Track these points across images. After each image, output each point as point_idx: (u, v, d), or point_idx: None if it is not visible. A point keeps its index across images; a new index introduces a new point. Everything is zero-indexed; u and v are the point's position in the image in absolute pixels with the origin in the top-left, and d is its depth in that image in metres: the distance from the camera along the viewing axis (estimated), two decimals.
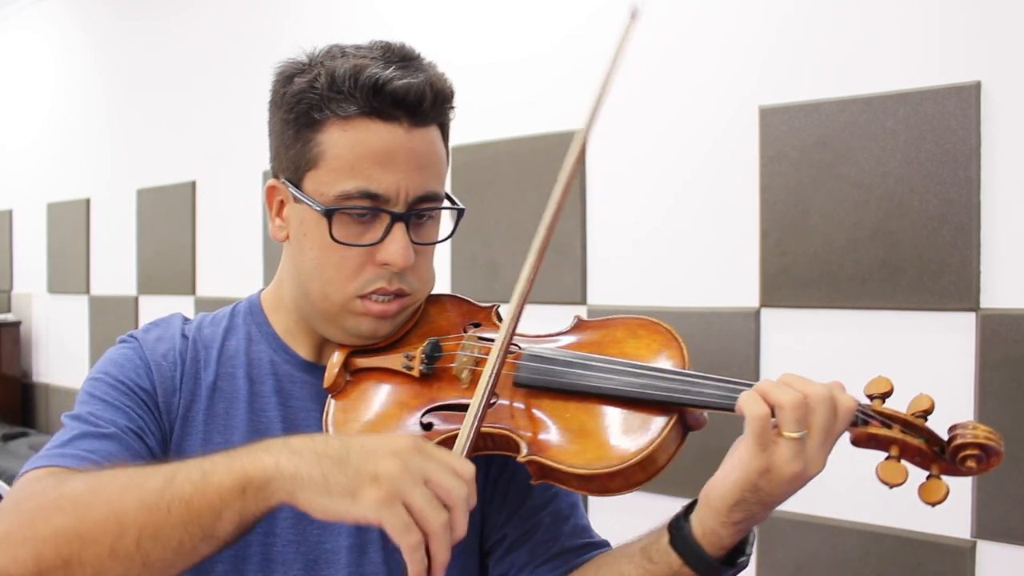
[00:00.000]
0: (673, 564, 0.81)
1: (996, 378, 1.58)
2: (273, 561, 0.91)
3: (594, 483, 0.80)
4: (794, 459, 0.75)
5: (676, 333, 0.89)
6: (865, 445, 0.78)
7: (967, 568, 1.60)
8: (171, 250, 3.36)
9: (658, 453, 0.80)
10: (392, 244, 0.88)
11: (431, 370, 0.92)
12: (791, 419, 0.74)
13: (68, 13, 4.08)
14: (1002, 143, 1.58)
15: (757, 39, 1.89)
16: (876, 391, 0.79)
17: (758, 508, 0.77)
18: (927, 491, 0.76)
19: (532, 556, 0.95)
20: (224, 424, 0.94)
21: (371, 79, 0.86)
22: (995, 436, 0.75)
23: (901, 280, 1.67)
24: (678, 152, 2.01)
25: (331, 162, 0.88)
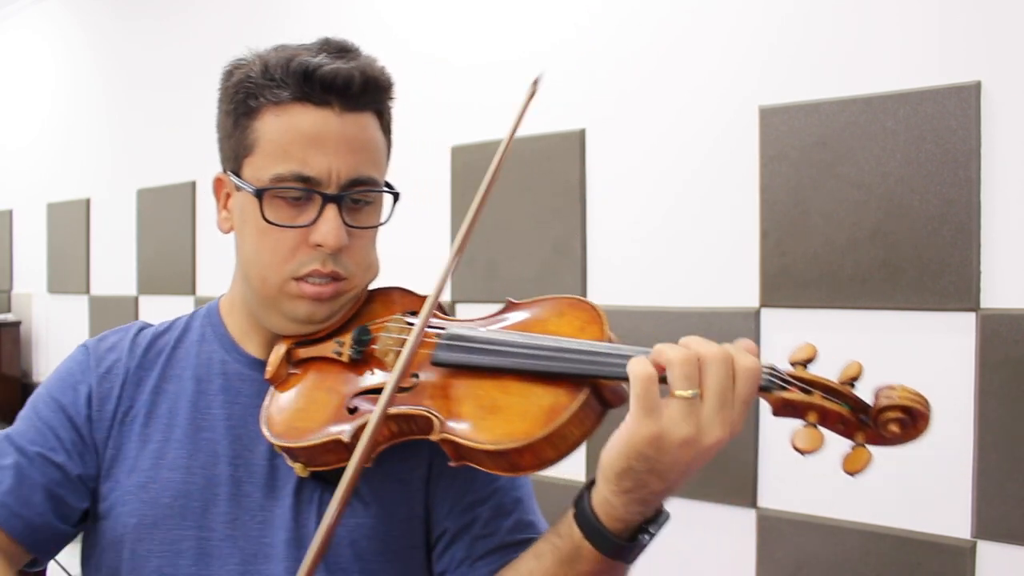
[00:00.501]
0: (575, 538, 0.78)
1: (996, 378, 1.58)
2: (209, 555, 0.91)
3: (504, 460, 0.79)
4: (683, 421, 0.70)
5: (599, 309, 0.87)
6: (783, 413, 0.74)
7: (967, 568, 1.60)
8: (171, 250, 3.36)
9: (568, 428, 0.77)
10: (324, 225, 0.90)
11: (360, 355, 0.93)
12: (680, 375, 0.71)
13: (68, 13, 4.08)
14: (1002, 143, 1.58)
15: (757, 39, 1.89)
16: (798, 357, 0.75)
17: (650, 478, 0.73)
18: (849, 460, 0.71)
19: (469, 551, 0.94)
20: (166, 423, 0.96)
21: (302, 65, 0.89)
22: (920, 398, 0.71)
23: (901, 280, 1.67)
24: (678, 152, 2.01)
25: (265, 147, 0.91)
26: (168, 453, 0.95)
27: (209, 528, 0.92)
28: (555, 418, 0.77)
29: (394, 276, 1.05)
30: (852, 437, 0.73)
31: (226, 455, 0.94)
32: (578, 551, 0.78)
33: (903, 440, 0.72)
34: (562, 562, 0.79)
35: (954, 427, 1.62)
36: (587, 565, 0.78)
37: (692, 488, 1.95)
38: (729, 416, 0.72)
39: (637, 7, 2.08)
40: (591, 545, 0.77)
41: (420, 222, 2.48)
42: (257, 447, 0.95)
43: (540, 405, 0.79)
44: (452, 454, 0.82)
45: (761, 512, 1.86)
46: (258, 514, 0.93)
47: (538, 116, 2.23)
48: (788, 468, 1.83)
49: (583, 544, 0.77)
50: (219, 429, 0.96)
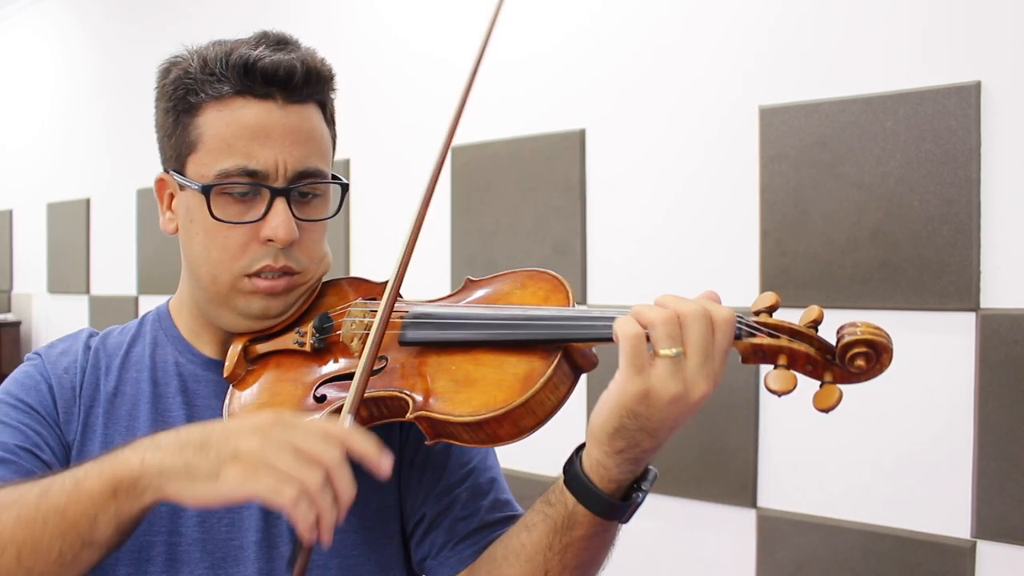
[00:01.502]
0: (568, 503, 0.78)
1: (996, 378, 1.58)
2: (178, 561, 0.90)
3: (483, 430, 0.79)
4: (671, 379, 0.71)
5: (562, 279, 0.88)
6: (753, 359, 0.76)
7: (967, 568, 1.60)
8: (171, 250, 3.33)
9: (544, 394, 0.78)
10: (274, 219, 0.89)
11: (323, 343, 0.93)
12: (663, 335, 0.72)
13: (68, 13, 4.08)
14: (1002, 143, 1.58)
15: (757, 39, 1.89)
16: (762, 305, 0.78)
17: (641, 436, 0.74)
18: (820, 398, 0.73)
19: (451, 534, 0.94)
20: (126, 426, 0.94)
21: (241, 58, 0.88)
22: (881, 332, 0.73)
23: (901, 280, 1.67)
24: (678, 152, 2.01)
25: (208, 143, 0.89)
26: None
27: (178, 533, 0.91)
28: (531, 384, 0.77)
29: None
30: (820, 377, 0.75)
31: None
32: (572, 516, 0.78)
33: (869, 375, 0.74)
34: (556, 530, 0.79)
35: (954, 427, 1.62)
36: (582, 530, 0.78)
37: (692, 488, 1.95)
38: (711, 368, 0.73)
39: (637, 7, 2.08)
40: (586, 509, 0.77)
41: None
42: None
43: (515, 373, 0.79)
44: (429, 431, 0.82)
45: (761, 512, 1.86)
46: (225, 516, 0.92)
47: (538, 116, 2.24)
48: (788, 468, 1.83)
49: (577, 509, 0.78)
50: None
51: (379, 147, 2.61)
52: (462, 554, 0.92)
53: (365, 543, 0.94)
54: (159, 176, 0.98)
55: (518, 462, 2.05)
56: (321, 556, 0.91)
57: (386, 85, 2.60)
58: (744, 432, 1.87)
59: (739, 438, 1.88)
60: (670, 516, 1.98)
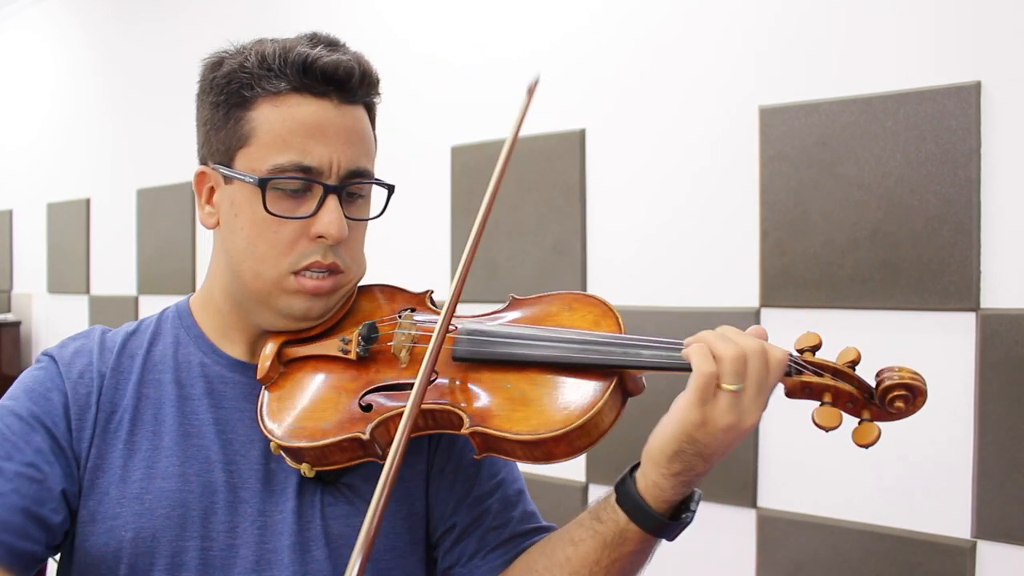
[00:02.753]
0: (620, 521, 0.82)
1: (996, 378, 1.58)
2: (212, 566, 0.89)
3: (540, 449, 0.82)
4: (729, 411, 0.77)
5: (610, 304, 0.91)
6: (799, 395, 0.81)
7: (967, 568, 1.60)
8: (171, 250, 3.36)
9: (601, 416, 0.82)
10: (326, 215, 0.89)
11: (368, 352, 0.93)
12: (730, 372, 0.77)
13: (68, 13, 4.08)
14: (1002, 143, 1.58)
15: (757, 39, 1.89)
16: (806, 344, 0.82)
17: (696, 460, 0.79)
18: (860, 434, 0.78)
19: (482, 543, 0.96)
20: (152, 430, 0.92)
21: (301, 56, 0.89)
22: (919, 376, 0.79)
23: (901, 280, 1.67)
24: (678, 152, 2.01)
25: (263, 137, 0.89)
26: (159, 462, 0.91)
27: (210, 538, 0.89)
28: (591, 407, 0.81)
29: (395, 274, 1.05)
30: (859, 414, 0.80)
31: (219, 461, 0.92)
32: (623, 534, 0.82)
33: (906, 415, 0.79)
34: (605, 545, 0.83)
35: (954, 427, 1.62)
36: (631, 546, 0.83)
37: None
38: (763, 401, 0.78)
39: (637, 7, 2.08)
40: (637, 527, 0.81)
41: (420, 222, 2.48)
42: (250, 451, 0.93)
43: (573, 395, 0.83)
44: (480, 446, 0.84)
45: (761, 512, 1.86)
46: (258, 519, 0.91)
47: (538, 116, 2.23)
48: (788, 468, 1.83)
49: (629, 527, 0.82)
50: (208, 435, 0.93)
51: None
52: (493, 563, 0.95)
53: (395, 548, 0.95)
54: (199, 170, 0.96)
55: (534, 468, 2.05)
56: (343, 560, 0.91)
57: (385, 85, 2.60)
58: None
59: None
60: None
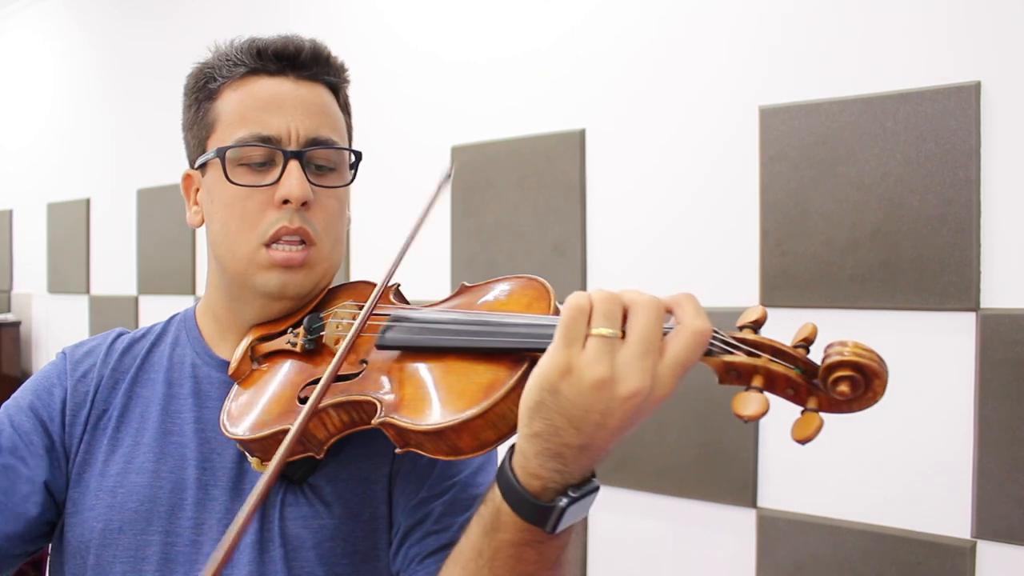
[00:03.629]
0: (496, 499, 0.72)
1: (996, 378, 1.58)
2: (173, 562, 0.91)
3: (444, 441, 0.74)
4: (598, 360, 0.65)
5: (548, 286, 0.83)
6: (728, 379, 0.67)
7: (967, 568, 1.60)
8: (171, 250, 3.36)
9: (506, 405, 0.72)
10: (288, 179, 0.92)
11: (313, 345, 0.93)
12: (600, 312, 0.66)
13: (68, 13, 4.08)
14: (1002, 143, 1.58)
15: (757, 39, 1.89)
16: (746, 320, 0.69)
17: (561, 422, 0.66)
18: (797, 426, 0.64)
19: (421, 548, 0.90)
20: (137, 427, 0.96)
21: (255, 42, 0.96)
22: (873, 354, 0.63)
23: (901, 280, 1.67)
24: (678, 152, 2.01)
25: (225, 119, 0.95)
26: (137, 458, 0.94)
27: (175, 534, 0.91)
28: (491, 394, 0.73)
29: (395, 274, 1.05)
30: (803, 403, 0.66)
31: (193, 459, 0.94)
32: (498, 515, 0.71)
33: (859, 404, 0.64)
34: (485, 531, 0.73)
35: (954, 427, 1.62)
36: (507, 533, 0.71)
37: (692, 488, 1.95)
38: (651, 367, 0.66)
39: (637, 7, 2.08)
40: (508, 506, 0.70)
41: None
42: (225, 450, 0.94)
43: (478, 382, 0.75)
44: (397, 440, 0.78)
45: (761, 512, 1.86)
46: (224, 517, 0.92)
47: (538, 116, 2.24)
48: (788, 468, 1.83)
49: (502, 506, 0.71)
50: (187, 433, 0.95)
51: (374, 148, 2.61)
52: (429, 569, 0.88)
53: (355, 553, 0.93)
54: (185, 173, 1.02)
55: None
56: (309, 564, 0.91)
57: (385, 85, 2.60)
58: (744, 432, 1.87)
59: (739, 438, 1.88)
60: (670, 516, 1.98)
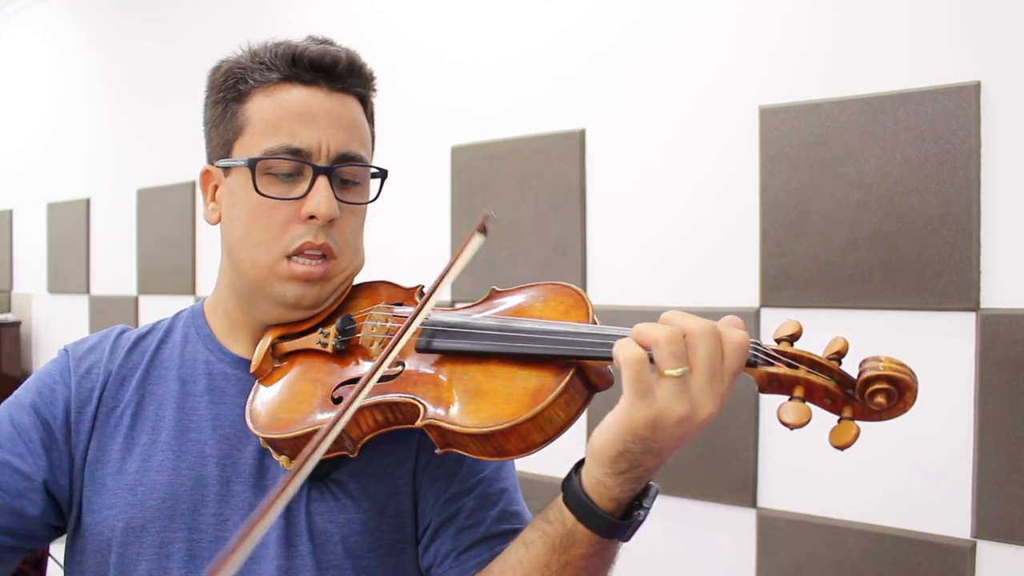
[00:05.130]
0: (567, 522, 0.76)
1: (996, 378, 1.58)
2: (199, 558, 0.90)
3: (491, 443, 0.78)
4: (677, 400, 0.69)
5: (584, 294, 0.87)
6: (769, 389, 0.73)
7: (967, 568, 1.60)
8: (171, 250, 3.36)
9: (554, 410, 0.77)
10: (316, 195, 0.91)
11: (345, 345, 0.93)
12: (667, 354, 0.69)
13: (68, 13, 4.08)
14: (1002, 143, 1.58)
15: (757, 39, 1.89)
16: (783, 333, 0.74)
17: (645, 457, 0.72)
18: (835, 434, 0.69)
19: (455, 543, 0.93)
20: (152, 425, 0.95)
21: (290, 49, 0.94)
22: (905, 368, 0.69)
23: (901, 280, 1.67)
24: (678, 152, 2.01)
25: (255, 125, 0.93)
26: (155, 455, 0.94)
27: (199, 530, 0.91)
28: (540, 400, 0.76)
29: (394, 274, 1.05)
30: (839, 412, 0.72)
31: (214, 456, 0.94)
32: (571, 535, 0.77)
33: (891, 413, 0.70)
34: (554, 548, 0.78)
35: (954, 427, 1.62)
36: (581, 548, 0.77)
37: (692, 488, 1.95)
38: (719, 389, 0.70)
39: (637, 7, 2.08)
40: (585, 527, 0.76)
41: (420, 221, 2.48)
42: (245, 446, 0.94)
43: (525, 387, 0.79)
44: (438, 440, 0.82)
45: (761, 512, 1.86)
46: (248, 513, 0.92)
47: (538, 116, 2.24)
48: (788, 468, 1.83)
49: (576, 527, 0.76)
50: (206, 430, 0.95)
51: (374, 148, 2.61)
52: (465, 564, 0.91)
53: (381, 546, 0.94)
54: (204, 168, 1.00)
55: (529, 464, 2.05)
56: (336, 557, 0.92)
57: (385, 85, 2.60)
58: (744, 432, 1.87)
59: (739, 438, 1.88)
60: (670, 516, 1.98)
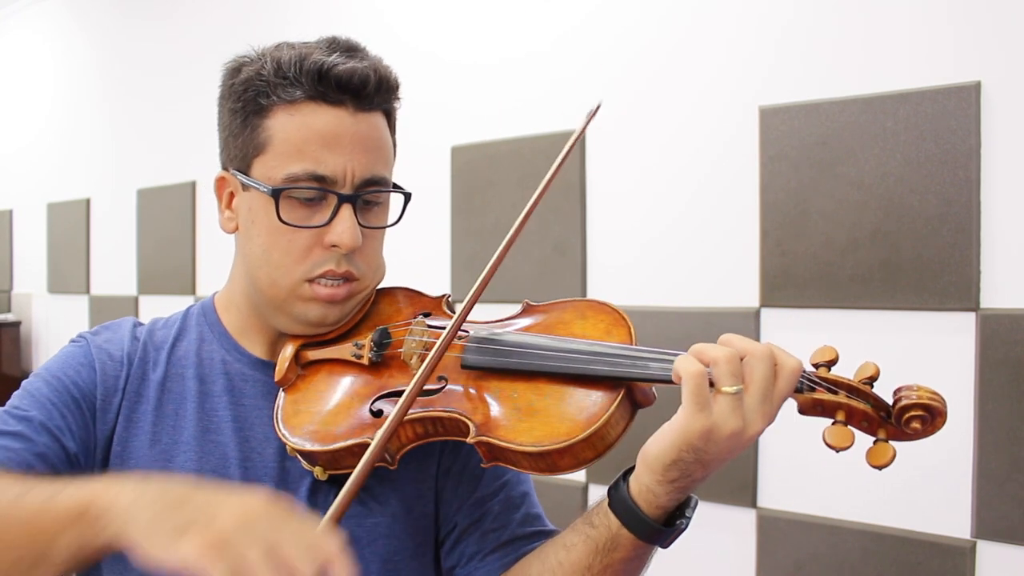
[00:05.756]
0: (612, 526, 0.80)
1: (996, 378, 1.58)
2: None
3: (544, 460, 0.81)
4: (732, 415, 0.74)
5: (623, 312, 0.89)
6: (812, 412, 0.79)
7: (967, 568, 1.60)
8: (171, 250, 3.36)
9: (607, 429, 0.80)
10: (340, 225, 0.89)
11: (380, 358, 0.93)
12: (725, 372, 0.75)
13: (68, 13, 4.08)
14: (1002, 143, 1.58)
15: (758, 40, 1.89)
16: (822, 359, 0.79)
17: (695, 467, 0.77)
18: (874, 455, 0.76)
19: (481, 545, 0.95)
20: (173, 424, 0.94)
21: (316, 64, 0.89)
22: (938, 397, 0.76)
23: (901, 280, 1.67)
24: (678, 152, 2.01)
25: (278, 146, 0.89)
26: (177, 456, 0.93)
27: None
28: (596, 419, 0.80)
29: (394, 274, 1.05)
30: (875, 434, 0.78)
31: (236, 458, 0.93)
32: (615, 539, 0.80)
33: (923, 435, 0.77)
34: (597, 551, 0.81)
35: (954, 427, 1.61)
36: (623, 552, 0.80)
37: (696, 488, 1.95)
38: (769, 409, 0.76)
39: (637, 7, 2.08)
40: (630, 532, 0.80)
41: (420, 222, 2.48)
42: (266, 449, 0.94)
43: (579, 407, 0.82)
44: (486, 455, 0.84)
45: (761, 512, 1.86)
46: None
47: (538, 116, 2.24)
48: (788, 468, 1.83)
49: (621, 532, 0.80)
50: (226, 432, 0.94)
51: None
52: (491, 566, 0.93)
53: (406, 549, 0.95)
54: (220, 175, 0.97)
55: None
56: (364, 561, 0.91)
57: None
58: None
59: None
60: None
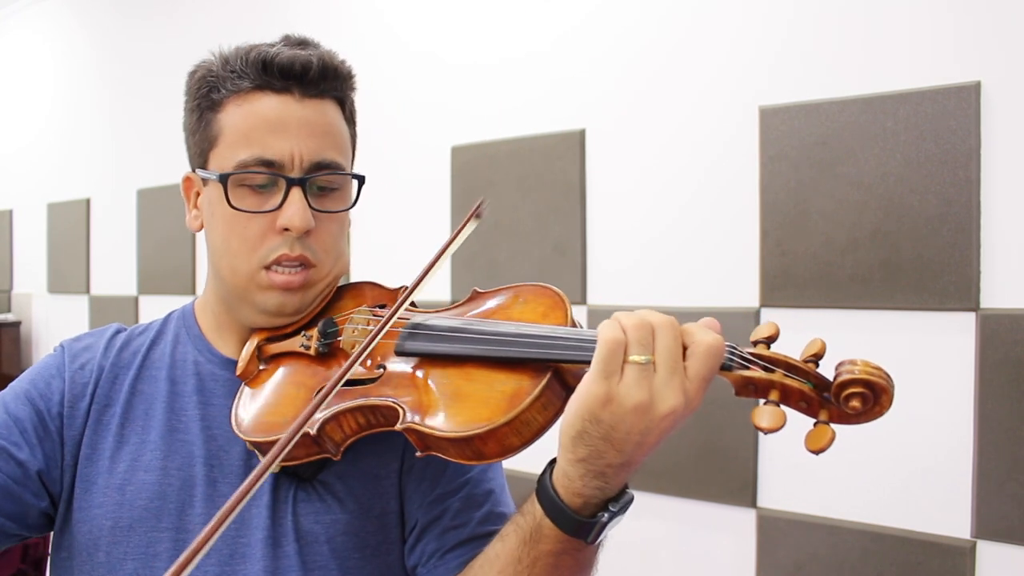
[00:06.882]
0: (536, 514, 0.77)
1: (996, 378, 1.58)
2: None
3: (469, 447, 0.78)
4: (636, 386, 0.70)
5: (563, 296, 0.86)
6: (745, 393, 0.73)
7: (967, 568, 1.60)
8: (171, 250, 3.36)
9: (530, 413, 0.76)
10: (289, 208, 0.91)
11: (328, 348, 0.93)
12: (634, 340, 0.71)
13: (69, 12, 4.08)
14: (1002, 143, 1.58)
15: (758, 40, 1.89)
16: (759, 336, 0.74)
17: (604, 446, 0.71)
18: (810, 438, 0.70)
19: (440, 543, 0.93)
20: (142, 425, 0.96)
21: (260, 55, 0.92)
22: (880, 372, 0.69)
23: (901, 280, 1.67)
24: (678, 152, 2.01)
25: (228, 136, 0.93)
26: (144, 455, 0.94)
27: (185, 530, 0.91)
28: (517, 403, 0.76)
29: (394, 274, 1.05)
30: (815, 415, 0.72)
31: (201, 456, 0.94)
32: (539, 528, 0.76)
33: (867, 417, 0.71)
34: (524, 541, 0.78)
35: (954, 427, 1.62)
36: (549, 544, 0.76)
37: (692, 488, 1.96)
38: (682, 385, 0.71)
39: (637, 7, 2.08)
40: (551, 521, 0.75)
41: (420, 222, 2.48)
42: (232, 447, 0.95)
43: (502, 391, 0.78)
44: (418, 444, 0.82)
45: (761, 512, 1.86)
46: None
47: (538, 116, 2.24)
48: (788, 468, 1.83)
49: (544, 521, 0.76)
50: (193, 430, 0.95)
51: (374, 148, 2.61)
52: (450, 564, 0.91)
53: (367, 547, 0.94)
54: (186, 175, 1.01)
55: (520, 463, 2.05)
56: (322, 558, 0.92)
57: (385, 85, 2.60)
58: (744, 432, 1.87)
59: (739, 438, 1.88)
60: (670, 516, 1.98)
